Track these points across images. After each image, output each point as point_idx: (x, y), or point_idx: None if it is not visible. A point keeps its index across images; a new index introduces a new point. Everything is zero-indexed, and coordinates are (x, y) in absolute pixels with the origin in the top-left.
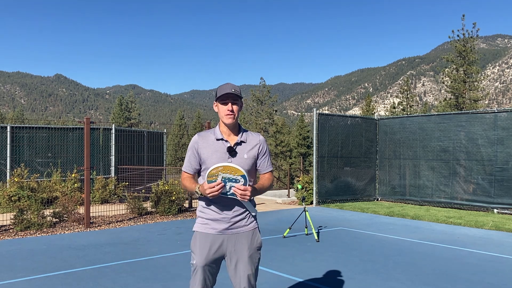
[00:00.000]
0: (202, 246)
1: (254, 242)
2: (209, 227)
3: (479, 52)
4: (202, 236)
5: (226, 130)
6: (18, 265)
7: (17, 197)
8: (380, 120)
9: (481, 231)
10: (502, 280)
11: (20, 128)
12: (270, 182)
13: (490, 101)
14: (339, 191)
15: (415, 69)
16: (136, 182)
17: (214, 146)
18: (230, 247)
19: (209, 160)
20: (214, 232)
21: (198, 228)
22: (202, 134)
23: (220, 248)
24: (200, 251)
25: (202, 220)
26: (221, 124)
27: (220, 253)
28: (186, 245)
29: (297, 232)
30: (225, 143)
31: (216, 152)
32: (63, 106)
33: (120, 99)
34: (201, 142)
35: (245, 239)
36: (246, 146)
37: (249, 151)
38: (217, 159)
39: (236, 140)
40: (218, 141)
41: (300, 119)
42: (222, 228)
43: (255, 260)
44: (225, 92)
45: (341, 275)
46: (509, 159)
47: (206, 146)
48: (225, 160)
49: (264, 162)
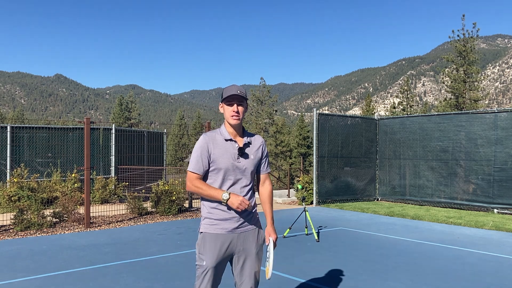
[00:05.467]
0: (212, 247)
1: (259, 239)
2: (219, 227)
3: (479, 52)
4: (211, 237)
5: (233, 131)
6: (18, 265)
7: (17, 197)
8: (380, 120)
9: (481, 231)
10: (502, 280)
11: (20, 128)
12: (271, 188)
13: (490, 101)
14: (339, 191)
15: (415, 69)
16: (136, 182)
17: (224, 146)
18: (239, 245)
19: (220, 160)
20: (224, 232)
21: (206, 229)
22: (209, 134)
23: (230, 248)
24: (211, 252)
25: (210, 221)
26: (227, 125)
27: (229, 252)
28: (186, 245)
29: (297, 232)
30: (234, 144)
31: (227, 152)
32: (63, 106)
33: (120, 99)
34: (211, 142)
35: (252, 236)
36: (252, 147)
37: (255, 152)
38: (227, 159)
39: (243, 141)
40: (227, 141)
41: (300, 119)
42: (232, 227)
43: (261, 256)
44: (230, 94)
45: (341, 275)
46: (509, 159)
47: (216, 146)
48: (234, 160)
49: (265, 163)
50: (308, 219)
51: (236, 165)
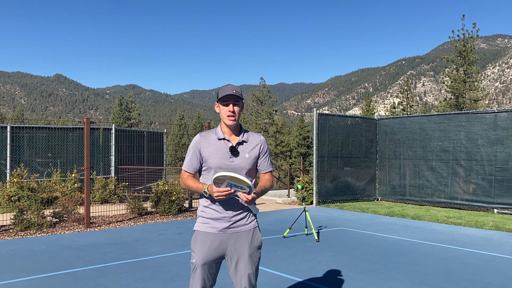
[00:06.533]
0: (202, 245)
1: (255, 241)
2: (210, 226)
3: (479, 52)
4: (202, 235)
5: (228, 130)
6: (18, 265)
7: (17, 197)
8: (380, 120)
9: (481, 231)
10: (502, 280)
11: (20, 128)
12: (270, 183)
13: (490, 101)
14: (339, 191)
15: (415, 69)
16: (136, 182)
17: (216, 146)
18: (230, 246)
19: (211, 159)
20: (214, 231)
21: (198, 227)
22: (203, 134)
23: (220, 247)
24: (200, 250)
25: (203, 219)
26: (223, 125)
27: (220, 252)
28: (186, 245)
29: (297, 232)
30: (227, 143)
31: (218, 152)
32: (63, 106)
33: (120, 99)
34: (203, 142)
35: (245, 238)
36: (248, 146)
37: (251, 151)
38: (219, 158)
39: (237, 140)
40: (220, 140)
41: (300, 119)
42: (223, 227)
43: (256, 259)
44: (226, 94)
45: (341, 275)
46: (509, 159)
47: (208, 146)
48: (227, 159)
49: (264, 162)
50: (308, 219)
51: (229, 164)
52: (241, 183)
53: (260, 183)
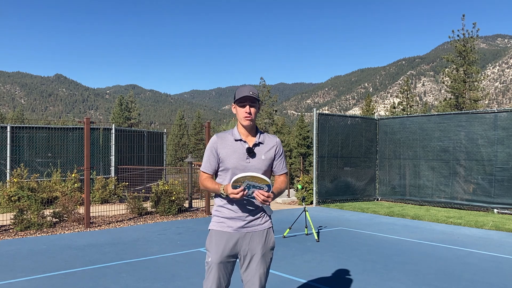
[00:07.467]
0: (217, 244)
1: (268, 241)
2: (225, 225)
3: (479, 52)
4: (217, 234)
5: (244, 131)
6: (18, 265)
7: (17, 197)
8: (380, 120)
9: (481, 231)
10: (502, 280)
11: (20, 128)
12: (285, 185)
13: (490, 101)
14: (339, 191)
15: (415, 69)
16: (136, 182)
17: (233, 147)
18: (244, 245)
19: (228, 160)
20: (229, 230)
21: (214, 226)
22: (220, 135)
23: (235, 246)
24: (216, 249)
25: (218, 218)
26: (239, 126)
27: (234, 251)
28: (186, 245)
29: (297, 232)
30: (244, 144)
31: (235, 153)
32: (63, 106)
33: (120, 99)
34: (219, 143)
35: (259, 237)
36: (264, 147)
37: (267, 152)
38: (236, 159)
39: (254, 141)
40: (237, 141)
41: (300, 119)
42: (238, 226)
43: (268, 259)
44: (243, 95)
45: (341, 275)
46: (509, 159)
47: (225, 147)
48: (243, 160)
49: (279, 163)
50: (308, 219)
51: (245, 165)
52: (261, 182)
53: (275, 184)
